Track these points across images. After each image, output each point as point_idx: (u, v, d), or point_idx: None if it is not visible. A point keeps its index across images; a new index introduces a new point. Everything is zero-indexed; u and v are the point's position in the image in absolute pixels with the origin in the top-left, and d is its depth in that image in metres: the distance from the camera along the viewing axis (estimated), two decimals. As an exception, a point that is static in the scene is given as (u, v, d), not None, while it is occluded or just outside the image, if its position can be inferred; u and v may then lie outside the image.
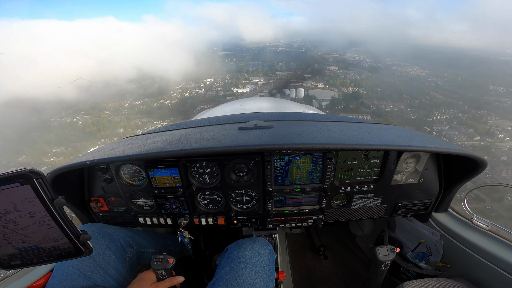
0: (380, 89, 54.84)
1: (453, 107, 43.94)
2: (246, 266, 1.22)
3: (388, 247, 1.42)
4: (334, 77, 63.22)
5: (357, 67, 72.73)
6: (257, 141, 1.22)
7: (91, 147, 34.00)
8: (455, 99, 46.95)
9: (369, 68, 71.01)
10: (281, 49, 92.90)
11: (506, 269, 1.25)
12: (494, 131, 34.90)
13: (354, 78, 63.05)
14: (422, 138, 1.44)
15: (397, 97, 49.73)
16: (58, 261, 0.78)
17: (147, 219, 1.53)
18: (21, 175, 0.61)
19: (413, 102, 47.04)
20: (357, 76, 64.32)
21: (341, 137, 1.31)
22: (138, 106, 52.32)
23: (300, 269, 2.36)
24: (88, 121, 46.03)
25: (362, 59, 78.62)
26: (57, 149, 37.50)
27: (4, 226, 0.67)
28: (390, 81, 59.49)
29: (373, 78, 61.82)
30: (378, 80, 59.85)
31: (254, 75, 67.28)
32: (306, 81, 60.18)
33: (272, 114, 2.01)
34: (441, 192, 1.53)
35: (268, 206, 1.48)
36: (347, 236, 2.69)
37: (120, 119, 47.04)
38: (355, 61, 77.35)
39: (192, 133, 1.46)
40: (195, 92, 56.45)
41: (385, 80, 59.52)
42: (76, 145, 38.21)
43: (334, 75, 65.21)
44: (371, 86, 57.46)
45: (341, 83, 59.16)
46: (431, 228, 1.67)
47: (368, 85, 57.58)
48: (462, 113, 41.53)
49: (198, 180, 1.41)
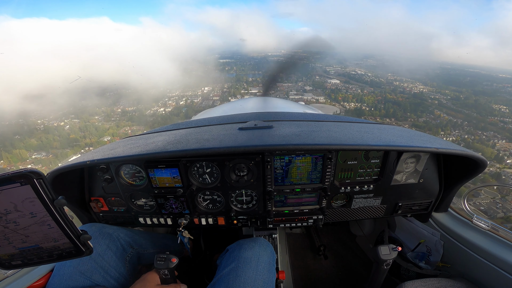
0: (383, 106, 53.17)
1: (458, 128, 42.82)
2: (246, 267, 1.22)
3: (390, 246, 1.42)
4: (336, 91, 61.26)
5: (359, 81, 70.46)
6: (257, 141, 1.22)
7: (72, 155, 32.47)
8: (459, 119, 45.75)
9: (371, 82, 68.83)
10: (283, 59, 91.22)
11: (506, 269, 1.25)
12: (502, 155, 32.85)
13: (356, 93, 61.23)
14: (422, 138, 1.44)
15: (401, 116, 48.91)
16: (58, 261, 0.78)
17: (147, 219, 1.54)
18: (21, 175, 0.61)
19: (417, 121, 45.43)
20: (359, 91, 62.44)
21: (341, 137, 1.31)
22: (131, 112, 49.77)
23: (300, 269, 2.36)
24: (75, 126, 44.07)
25: (364, 73, 76.48)
26: (37, 155, 35.85)
27: (4, 226, 0.67)
28: (393, 98, 57.44)
29: (375, 93, 60.06)
30: (380, 96, 58.17)
31: (253, 85, 65.23)
32: (307, 94, 58.05)
33: (272, 114, 2.01)
34: (441, 192, 1.53)
35: (268, 206, 1.48)
36: (347, 236, 2.69)
37: (109, 125, 45.19)
38: (356, 75, 75.21)
39: (192, 133, 1.46)
40: (191, 100, 54.09)
41: (388, 97, 57.87)
42: (57, 152, 36.61)
43: (335, 89, 63.16)
44: (373, 102, 55.60)
45: (343, 98, 57.23)
46: (431, 228, 1.67)
47: (370, 101, 55.65)
48: (468, 135, 40.01)
49: (198, 180, 1.41)
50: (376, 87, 64.87)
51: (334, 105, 53.62)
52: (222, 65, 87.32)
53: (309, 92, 59.82)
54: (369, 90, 62.69)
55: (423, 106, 52.19)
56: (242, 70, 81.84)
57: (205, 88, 64.04)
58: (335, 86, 65.13)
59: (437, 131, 41.55)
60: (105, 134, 41.57)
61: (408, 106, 51.97)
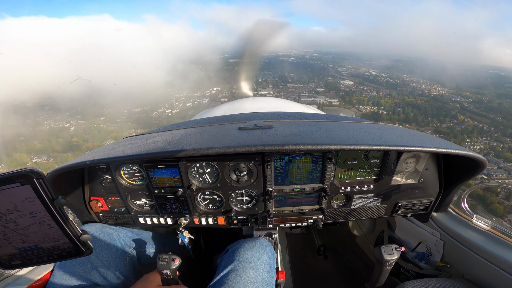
0: (401, 110, 49.15)
1: (485, 134, 39.22)
2: (247, 267, 1.22)
3: (393, 246, 1.42)
4: (350, 93, 57.27)
5: (373, 82, 65.63)
6: (257, 141, 1.22)
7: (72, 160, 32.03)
8: (485, 124, 42.05)
9: (386, 84, 64.50)
10: (293, 60, 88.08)
11: (506, 269, 1.25)
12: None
13: (371, 95, 57.29)
14: (422, 138, 1.44)
15: (422, 120, 45.08)
16: (58, 261, 0.78)
17: (147, 219, 1.53)
18: (21, 175, 0.61)
19: (440, 127, 42.18)
20: (375, 93, 58.57)
21: (341, 137, 1.31)
22: (137, 113, 47.77)
23: (300, 269, 2.36)
24: (80, 128, 42.31)
25: (378, 74, 71.28)
26: (38, 159, 35.19)
27: (4, 226, 0.67)
28: (412, 100, 52.56)
29: (392, 96, 56.26)
30: (398, 98, 54.50)
31: (264, 86, 61.92)
32: (320, 96, 54.52)
33: (272, 114, 2.01)
34: (441, 192, 1.53)
35: (268, 206, 1.48)
36: (347, 236, 2.69)
37: (113, 128, 44.49)
38: (371, 75, 70.19)
39: (192, 133, 1.46)
40: (198, 102, 51.13)
41: (406, 99, 53.36)
42: (57, 156, 35.81)
43: (349, 90, 58.96)
44: (391, 105, 51.55)
45: (358, 101, 53.37)
46: (431, 228, 1.67)
47: (388, 104, 51.75)
48: (497, 143, 36.67)
49: (198, 180, 1.41)
50: (392, 89, 60.37)
51: (349, 108, 48.07)
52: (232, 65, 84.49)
53: (322, 94, 56.31)
54: (385, 92, 58.64)
55: (445, 110, 48.50)
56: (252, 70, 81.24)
57: (214, 89, 60.94)
58: (349, 87, 61.43)
59: (463, 138, 38.75)
60: (108, 138, 40.40)
61: (430, 110, 47.80)
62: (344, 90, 59.80)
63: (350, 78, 68.36)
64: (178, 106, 50.65)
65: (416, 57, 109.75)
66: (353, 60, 78.60)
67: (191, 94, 56.88)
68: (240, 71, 4.03)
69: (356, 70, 76.14)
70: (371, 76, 70.64)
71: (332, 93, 58.72)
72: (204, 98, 52.91)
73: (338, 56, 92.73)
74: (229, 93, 57.53)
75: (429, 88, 60.21)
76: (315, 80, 66.41)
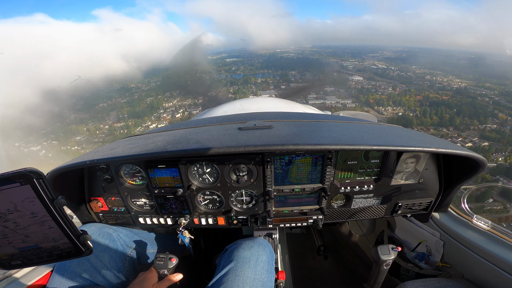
0: (431, 109, 37.39)
1: None
2: (245, 266, 1.22)
3: (390, 246, 1.42)
4: (363, 91, 46.69)
5: (384, 76, 54.92)
6: (257, 141, 1.22)
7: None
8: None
9: (398, 78, 51.95)
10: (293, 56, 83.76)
11: (506, 269, 1.25)
12: None
13: (388, 92, 45.64)
14: (422, 138, 1.44)
15: (460, 122, 33.79)
16: (58, 261, 0.78)
17: (147, 219, 1.54)
18: (21, 175, 0.61)
19: (484, 131, 30.31)
20: (390, 89, 46.89)
21: (341, 137, 1.31)
22: (119, 129, 37.16)
23: (300, 269, 2.37)
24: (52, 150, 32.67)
25: (386, 67, 60.06)
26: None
27: (4, 226, 0.67)
28: (436, 96, 40.63)
29: (412, 92, 44.36)
30: (419, 95, 42.04)
31: (264, 88, 53.12)
32: (330, 97, 43.66)
33: (272, 114, 2.01)
34: (441, 192, 1.53)
35: (268, 206, 1.48)
36: (347, 236, 2.69)
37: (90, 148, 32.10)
38: (379, 69, 59.78)
39: (192, 133, 1.46)
40: (189, 112, 40.53)
41: (429, 96, 41.29)
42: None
43: (361, 88, 48.52)
44: (415, 104, 40.21)
45: (375, 101, 42.10)
46: (431, 228, 1.67)
47: (411, 104, 40.46)
48: None
49: (198, 180, 1.41)
50: (409, 84, 49.54)
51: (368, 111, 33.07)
52: (229, 65, 77.11)
53: (331, 95, 45.82)
54: (402, 88, 47.31)
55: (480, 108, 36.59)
56: (250, 70, 68.28)
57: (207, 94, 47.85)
58: (360, 84, 51.09)
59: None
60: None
61: (467, 110, 36.16)
62: (355, 88, 49.59)
63: (358, 73, 58.49)
64: (165, 118, 41.28)
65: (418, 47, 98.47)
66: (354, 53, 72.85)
67: (181, 102, 45.80)
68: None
69: (361, 64, 65.58)
70: (379, 70, 60.28)
71: (343, 91, 48.80)
72: (196, 107, 42.52)
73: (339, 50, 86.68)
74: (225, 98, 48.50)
75: (446, 81, 49.13)
76: (320, 77, 57.76)
